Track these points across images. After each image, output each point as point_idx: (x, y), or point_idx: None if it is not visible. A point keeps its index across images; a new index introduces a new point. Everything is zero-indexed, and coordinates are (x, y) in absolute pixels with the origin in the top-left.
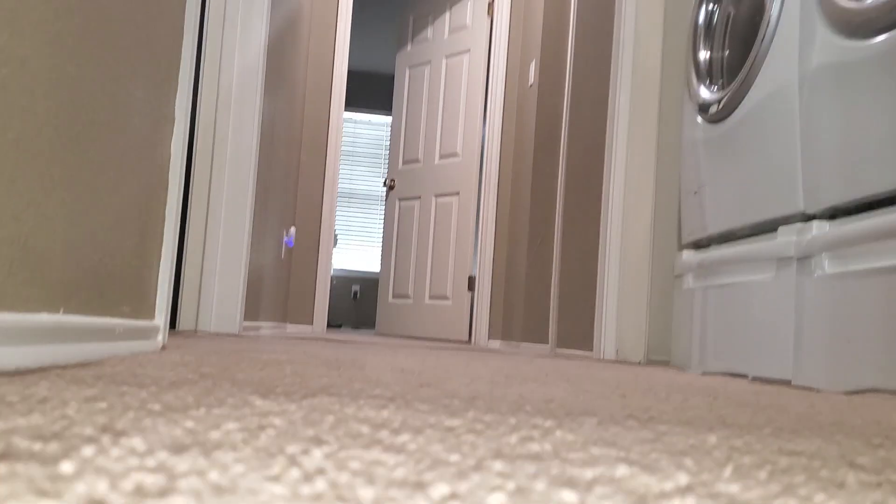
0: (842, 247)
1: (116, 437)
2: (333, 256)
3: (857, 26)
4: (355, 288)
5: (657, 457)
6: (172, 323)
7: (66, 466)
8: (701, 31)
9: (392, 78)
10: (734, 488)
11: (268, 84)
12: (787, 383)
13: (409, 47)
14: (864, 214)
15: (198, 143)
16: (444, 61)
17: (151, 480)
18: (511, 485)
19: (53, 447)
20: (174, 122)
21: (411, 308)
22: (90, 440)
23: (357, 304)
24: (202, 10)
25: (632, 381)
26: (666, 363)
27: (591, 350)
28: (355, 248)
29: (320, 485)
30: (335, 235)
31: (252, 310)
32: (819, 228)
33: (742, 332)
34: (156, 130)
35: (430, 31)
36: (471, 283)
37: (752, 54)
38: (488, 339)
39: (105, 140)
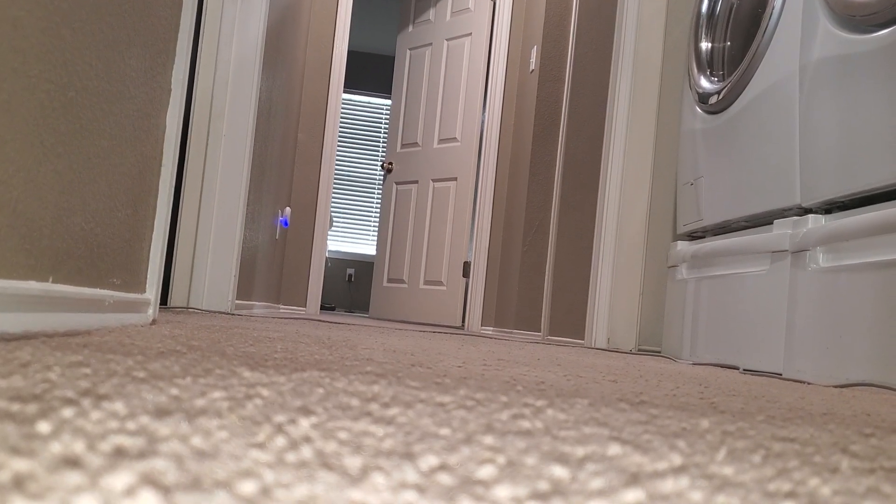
0: (837, 241)
1: (98, 400)
2: (329, 238)
3: (861, 20)
4: (350, 271)
5: (649, 438)
6: (164, 299)
7: (43, 426)
8: (703, 21)
9: (392, 59)
10: (728, 470)
11: (267, 61)
12: (777, 376)
13: (410, 28)
14: (861, 209)
15: (194, 117)
16: (445, 44)
17: (131, 443)
18: (501, 458)
19: (32, 408)
20: (171, 93)
21: (406, 292)
22: (70, 402)
23: (351, 286)
24: None
25: (623, 368)
26: (657, 353)
27: (583, 339)
28: (351, 231)
29: (306, 452)
30: (331, 217)
31: (245, 289)
32: (815, 222)
33: (734, 324)
34: (151, 101)
35: (432, 13)
36: (466, 269)
37: (754, 46)
38: (481, 325)
39: (99, 107)
